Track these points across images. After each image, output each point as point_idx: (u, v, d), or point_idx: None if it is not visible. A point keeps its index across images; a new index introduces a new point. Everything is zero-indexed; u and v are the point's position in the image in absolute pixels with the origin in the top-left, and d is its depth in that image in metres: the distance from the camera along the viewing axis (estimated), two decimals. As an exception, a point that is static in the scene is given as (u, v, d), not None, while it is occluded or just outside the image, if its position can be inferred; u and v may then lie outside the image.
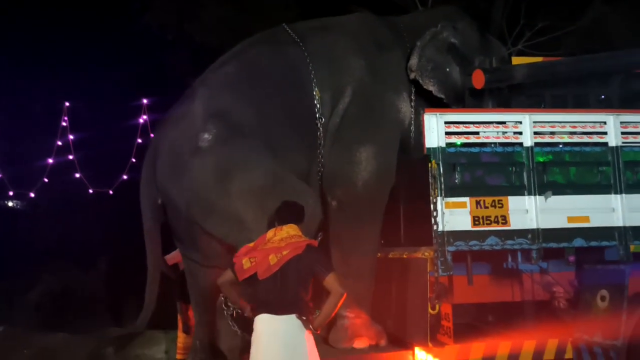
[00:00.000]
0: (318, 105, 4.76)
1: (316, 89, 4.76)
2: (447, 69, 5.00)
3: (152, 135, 7.78)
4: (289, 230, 3.58)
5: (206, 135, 4.35)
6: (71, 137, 9.02)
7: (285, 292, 3.44)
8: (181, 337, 5.80)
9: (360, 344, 4.60)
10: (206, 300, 4.67)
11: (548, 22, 9.62)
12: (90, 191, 9.19)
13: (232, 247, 4.06)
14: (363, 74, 4.89)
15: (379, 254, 5.23)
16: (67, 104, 9.05)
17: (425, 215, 4.28)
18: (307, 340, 3.44)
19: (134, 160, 8.97)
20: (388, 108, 4.95)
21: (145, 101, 8.91)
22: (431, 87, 4.95)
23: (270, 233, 3.61)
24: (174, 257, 6.20)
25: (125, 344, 7.90)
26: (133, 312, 8.92)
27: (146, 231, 4.64)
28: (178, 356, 5.87)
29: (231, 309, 4.23)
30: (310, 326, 3.44)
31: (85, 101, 9.28)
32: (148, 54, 10.39)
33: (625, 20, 9.03)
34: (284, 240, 3.52)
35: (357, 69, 4.89)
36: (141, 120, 9.07)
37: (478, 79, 4.69)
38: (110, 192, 9.16)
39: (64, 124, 8.98)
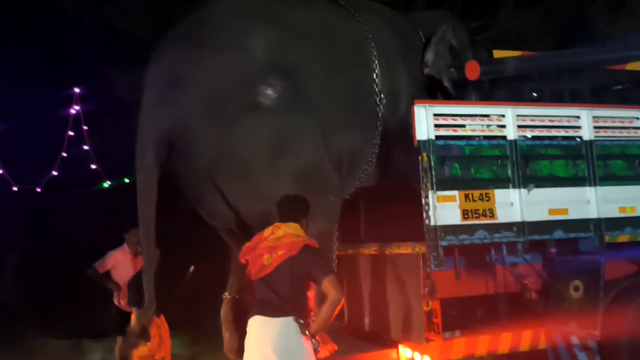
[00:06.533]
0: (379, 84, 4.42)
1: (378, 67, 4.42)
2: (451, 69, 4.94)
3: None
4: (287, 230, 3.37)
5: (269, 92, 3.77)
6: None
7: (279, 294, 3.24)
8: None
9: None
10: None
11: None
12: (15, 189, 8.34)
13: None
14: (407, 82, 4.72)
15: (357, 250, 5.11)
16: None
17: (411, 209, 4.18)
18: (304, 345, 3.23)
19: (64, 154, 8.29)
20: None
21: (77, 90, 8.24)
22: (446, 82, 4.88)
23: (267, 231, 3.39)
24: (105, 263, 5.83)
25: (57, 355, 7.53)
26: (62, 321, 8.32)
27: (141, 183, 3.66)
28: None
29: None
30: (307, 332, 3.24)
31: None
32: (61, 40, 9.32)
33: (537, 25, 9.31)
34: (280, 239, 3.31)
35: (404, 76, 4.70)
36: (73, 111, 8.40)
37: (473, 70, 4.65)
38: (38, 189, 8.38)
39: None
